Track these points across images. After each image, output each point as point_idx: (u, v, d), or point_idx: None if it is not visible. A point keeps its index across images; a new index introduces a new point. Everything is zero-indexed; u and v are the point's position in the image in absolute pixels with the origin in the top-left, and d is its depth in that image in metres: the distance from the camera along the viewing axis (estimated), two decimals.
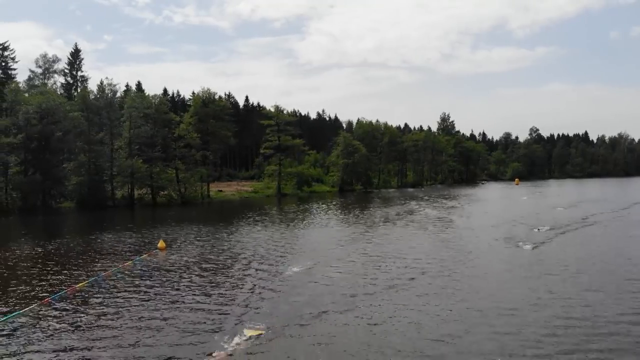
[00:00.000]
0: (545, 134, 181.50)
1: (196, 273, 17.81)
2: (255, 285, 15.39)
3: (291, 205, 53.34)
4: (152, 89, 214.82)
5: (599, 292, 14.18)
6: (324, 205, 51.98)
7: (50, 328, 11.66)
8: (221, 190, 69.96)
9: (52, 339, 10.88)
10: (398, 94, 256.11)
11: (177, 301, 13.83)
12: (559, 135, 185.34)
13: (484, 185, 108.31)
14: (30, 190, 50.95)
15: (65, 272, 18.53)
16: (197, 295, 14.40)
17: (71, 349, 10.15)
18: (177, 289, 15.28)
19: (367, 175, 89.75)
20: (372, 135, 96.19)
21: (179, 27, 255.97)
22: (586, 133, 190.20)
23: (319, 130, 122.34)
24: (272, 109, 77.48)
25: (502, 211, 41.91)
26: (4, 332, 11.31)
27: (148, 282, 16.36)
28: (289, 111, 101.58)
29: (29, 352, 10.10)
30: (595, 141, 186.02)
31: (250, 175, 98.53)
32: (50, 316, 12.62)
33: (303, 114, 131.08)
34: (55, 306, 13.47)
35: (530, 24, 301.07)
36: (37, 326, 11.82)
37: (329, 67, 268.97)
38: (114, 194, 56.90)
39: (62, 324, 11.95)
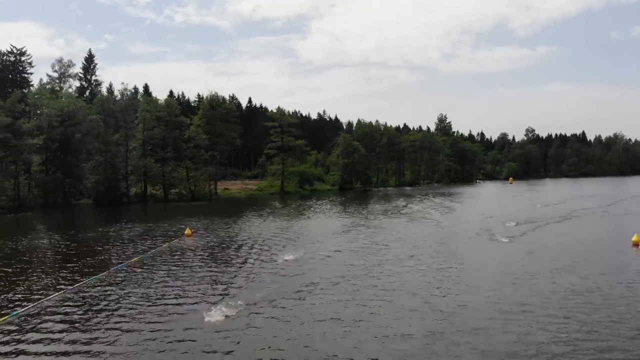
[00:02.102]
0: (545, 133, 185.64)
1: (214, 255, 21.64)
2: (256, 266, 18.71)
3: (294, 202, 57.20)
4: (154, 89, 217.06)
5: (541, 266, 18.00)
6: (324, 202, 55.77)
7: (119, 288, 15.60)
8: (227, 189, 73.88)
9: (121, 295, 14.74)
10: (399, 93, 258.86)
11: (198, 273, 17.67)
12: (556, 135, 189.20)
13: (479, 184, 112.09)
14: (52, 188, 54.93)
15: (114, 252, 22.74)
16: (211, 272, 17.98)
17: (135, 302, 14.01)
18: (199, 267, 18.99)
19: (366, 175, 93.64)
20: (371, 136, 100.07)
21: (180, 26, 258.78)
22: (583, 133, 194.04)
23: (320, 131, 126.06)
24: (275, 111, 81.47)
25: (488, 207, 45.37)
26: (92, 291, 15.25)
27: (179, 261, 20.23)
28: (291, 112, 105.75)
29: (113, 302, 13.98)
30: (592, 141, 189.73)
31: (253, 174, 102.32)
32: (119, 280, 16.63)
33: (304, 115, 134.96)
34: (118, 274, 17.54)
35: (532, 23, 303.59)
36: (111, 286, 15.80)
37: (329, 66, 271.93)
38: (128, 191, 60.87)
39: (127, 285, 15.88)
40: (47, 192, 55.08)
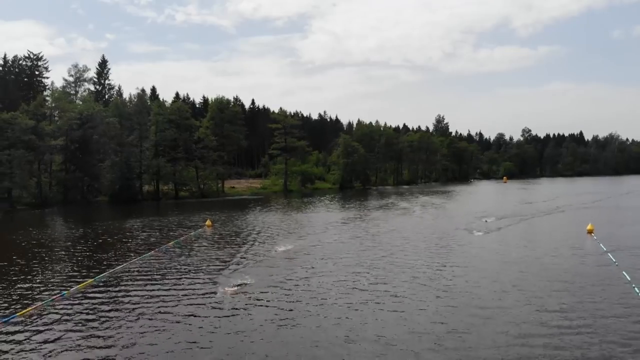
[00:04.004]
0: (545, 132, 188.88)
1: (232, 242, 25.77)
2: (269, 251, 22.51)
3: (297, 200, 61.21)
4: (156, 88, 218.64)
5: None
6: (325, 200, 59.73)
7: (165, 263, 19.78)
8: (233, 187, 77.90)
9: (169, 267, 18.90)
10: (400, 93, 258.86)
11: (221, 255, 21.73)
12: (554, 135, 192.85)
13: (474, 183, 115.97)
14: (71, 186, 58.95)
15: (152, 237, 27.20)
16: (231, 255, 21.80)
17: (177, 274, 18.14)
18: (221, 250, 23.10)
19: (365, 174, 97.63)
20: (370, 137, 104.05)
21: (181, 25, 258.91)
22: (581, 133, 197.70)
23: (321, 131, 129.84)
24: (279, 112, 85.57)
25: (474, 205, 48.62)
26: (146, 264, 19.40)
27: (206, 245, 24.43)
28: (292, 112, 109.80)
29: (164, 271, 18.12)
30: (589, 141, 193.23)
31: (257, 173, 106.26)
32: (164, 257, 20.92)
33: (305, 115, 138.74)
34: (163, 253, 21.99)
35: (533, 22, 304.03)
36: (162, 261, 20.07)
37: (331, 66, 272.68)
38: (141, 189, 64.91)
39: (172, 261, 20.03)
40: (66, 189, 59.07)
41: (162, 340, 11.10)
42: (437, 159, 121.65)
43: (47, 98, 67.59)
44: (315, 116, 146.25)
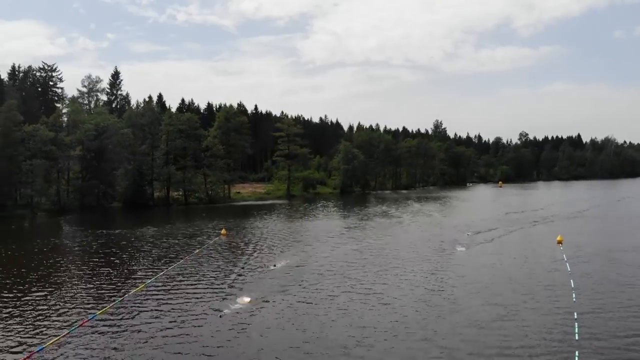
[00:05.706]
0: (545, 134, 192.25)
1: (246, 250, 29.35)
2: (279, 259, 25.82)
3: (300, 205, 64.85)
4: (156, 89, 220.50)
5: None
6: (325, 208, 63.10)
7: (210, 260, 23.64)
8: (239, 192, 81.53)
9: (210, 262, 22.62)
10: (400, 93, 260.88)
11: (238, 262, 25.52)
12: (552, 137, 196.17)
13: (470, 187, 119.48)
14: (88, 192, 62.63)
15: (178, 245, 31.26)
16: (247, 262, 25.44)
17: (208, 274, 21.86)
18: (237, 258, 26.82)
19: (365, 179, 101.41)
20: (369, 143, 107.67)
21: (182, 25, 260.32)
22: (579, 135, 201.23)
23: (322, 135, 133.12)
24: (282, 118, 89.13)
25: (462, 215, 50.87)
26: (183, 269, 23.29)
27: (224, 252, 28.25)
28: (293, 116, 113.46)
29: (197, 276, 21.92)
30: (586, 143, 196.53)
31: (259, 177, 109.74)
32: (194, 264, 24.84)
33: (306, 118, 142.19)
34: (200, 255, 26.02)
35: (535, 22, 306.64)
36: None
37: (331, 66, 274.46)
38: (153, 195, 68.63)
39: (200, 268, 23.77)
40: (83, 196, 62.70)
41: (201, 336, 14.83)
42: (435, 164, 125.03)
43: (58, 105, 71.36)
44: (316, 119, 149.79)
